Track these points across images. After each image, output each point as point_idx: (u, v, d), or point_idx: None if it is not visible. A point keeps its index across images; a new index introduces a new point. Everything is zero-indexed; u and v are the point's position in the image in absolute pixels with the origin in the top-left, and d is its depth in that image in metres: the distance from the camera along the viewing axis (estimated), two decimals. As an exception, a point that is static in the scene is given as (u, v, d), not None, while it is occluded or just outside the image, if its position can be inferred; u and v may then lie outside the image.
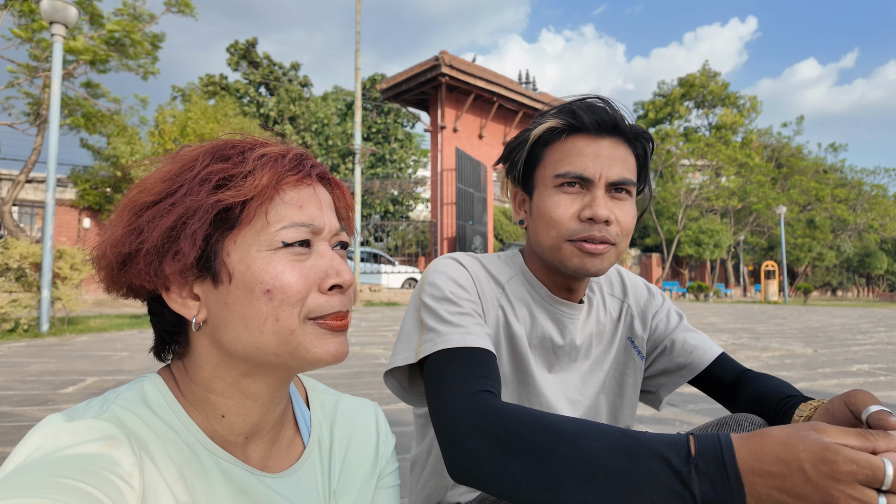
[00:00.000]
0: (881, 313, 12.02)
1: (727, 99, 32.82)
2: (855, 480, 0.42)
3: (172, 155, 0.54)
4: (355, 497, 0.64)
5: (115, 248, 0.50)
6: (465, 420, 0.60)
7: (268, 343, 0.50)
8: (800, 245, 29.92)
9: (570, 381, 0.89)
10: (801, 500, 0.44)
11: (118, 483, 0.43)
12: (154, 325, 0.55)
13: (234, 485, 0.53)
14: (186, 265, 0.48)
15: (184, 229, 0.48)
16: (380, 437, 0.69)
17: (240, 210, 0.50)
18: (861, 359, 4.68)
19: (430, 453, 0.90)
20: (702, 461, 0.48)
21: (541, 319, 0.87)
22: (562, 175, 0.78)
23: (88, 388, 3.26)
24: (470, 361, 0.68)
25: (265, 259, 0.50)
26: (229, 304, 0.50)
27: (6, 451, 2.06)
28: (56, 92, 6.48)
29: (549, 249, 0.81)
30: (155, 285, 0.50)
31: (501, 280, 0.87)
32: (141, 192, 0.50)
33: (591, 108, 0.79)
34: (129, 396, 0.51)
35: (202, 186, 0.49)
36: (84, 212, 15.74)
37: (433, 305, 0.76)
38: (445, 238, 14.40)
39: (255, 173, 0.50)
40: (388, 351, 4.79)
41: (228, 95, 19.72)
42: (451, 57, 13.62)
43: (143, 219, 0.49)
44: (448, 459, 0.61)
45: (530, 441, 0.55)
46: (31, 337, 5.89)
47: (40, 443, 0.43)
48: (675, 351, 0.92)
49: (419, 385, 0.82)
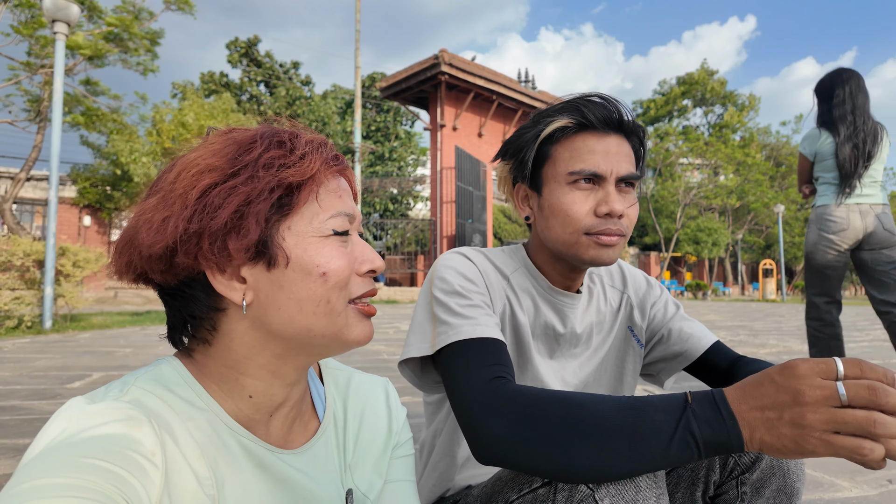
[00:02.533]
0: (878, 311, 12.08)
1: (727, 98, 32.85)
2: (815, 375, 0.49)
3: (221, 137, 0.54)
4: (370, 470, 0.66)
5: (177, 227, 0.49)
6: (483, 404, 0.64)
7: (319, 324, 0.53)
8: (798, 243, 29.97)
9: (567, 367, 0.93)
10: (777, 408, 0.50)
11: (141, 461, 0.44)
12: (178, 309, 0.54)
13: (254, 461, 0.54)
14: (251, 243, 0.50)
15: (249, 208, 0.50)
16: (391, 412, 0.72)
17: (296, 194, 0.52)
18: (857, 356, 4.72)
19: (438, 437, 0.93)
20: (697, 406, 0.54)
21: (543, 309, 0.90)
22: (576, 172, 0.81)
23: (95, 382, 3.30)
24: (482, 351, 0.72)
25: (319, 244, 0.53)
26: (284, 287, 0.51)
27: (18, 443, 2.10)
28: (59, 90, 6.49)
29: (564, 244, 0.84)
30: (209, 265, 0.50)
31: (506, 272, 0.90)
32: (203, 172, 0.50)
33: (598, 105, 0.83)
34: (148, 378, 0.52)
35: (266, 170, 0.51)
36: (84, 210, 15.74)
37: (444, 299, 0.79)
38: (445, 236, 14.43)
39: (307, 158, 0.53)
40: (391, 347, 4.83)
41: (228, 93, 19.69)
42: (451, 55, 13.64)
43: (210, 197, 0.49)
44: (472, 442, 0.65)
45: (545, 412, 0.60)
46: (35, 333, 5.92)
47: (64, 426, 0.44)
48: (671, 339, 0.96)
49: (431, 373, 0.85)
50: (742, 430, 0.52)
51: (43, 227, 17.83)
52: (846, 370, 0.49)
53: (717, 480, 0.81)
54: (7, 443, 2.11)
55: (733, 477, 0.80)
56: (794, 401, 0.49)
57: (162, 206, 0.50)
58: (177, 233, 0.49)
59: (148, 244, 0.49)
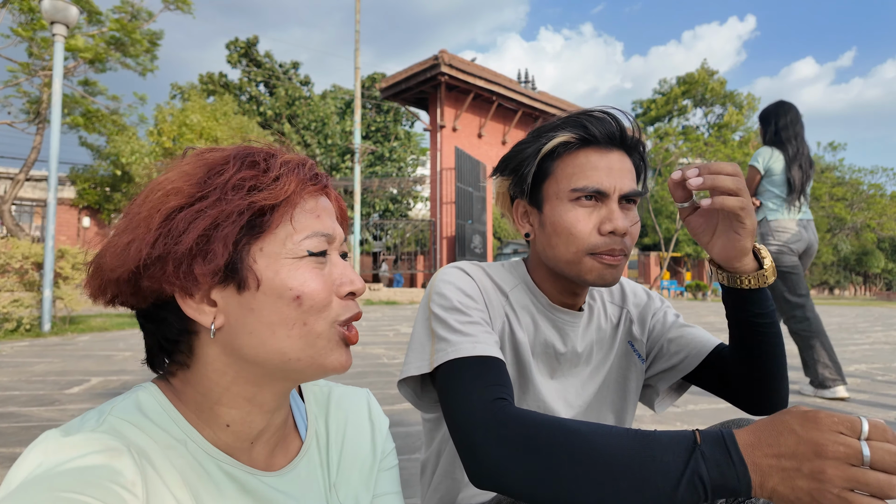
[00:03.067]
0: (878, 312, 12.07)
1: (727, 97, 32.86)
2: (837, 431, 0.48)
3: (194, 158, 0.53)
4: (356, 485, 0.65)
5: (140, 252, 0.48)
6: (484, 428, 0.62)
7: (293, 348, 0.51)
8: (797, 244, 29.96)
9: (570, 387, 0.91)
10: (796, 458, 0.49)
11: (121, 493, 0.43)
12: (152, 333, 0.54)
13: (236, 486, 0.53)
14: (218, 268, 0.49)
15: (216, 232, 0.49)
16: (374, 426, 0.71)
17: (268, 216, 0.51)
18: (858, 358, 4.71)
19: (440, 457, 0.92)
20: (707, 448, 0.53)
21: (543, 328, 0.89)
22: (579, 189, 0.80)
23: (94, 388, 3.28)
24: (482, 370, 0.70)
25: (291, 266, 0.51)
26: (255, 310, 0.50)
27: (16, 452, 2.09)
28: (57, 91, 6.48)
29: (566, 263, 0.82)
30: (174, 290, 0.49)
31: (505, 289, 0.89)
32: (168, 195, 0.50)
33: (600, 120, 0.81)
34: (125, 407, 0.51)
35: (236, 192, 0.50)
36: (83, 211, 15.72)
37: (443, 315, 0.77)
38: (444, 237, 14.42)
39: (281, 179, 0.51)
40: (390, 351, 4.82)
41: (228, 93, 19.69)
42: (451, 56, 13.62)
43: (175, 221, 0.49)
44: (469, 467, 0.63)
45: (549, 443, 0.58)
46: (34, 336, 5.91)
47: (40, 459, 0.43)
48: (672, 347, 0.94)
49: (430, 392, 0.84)
50: (752, 475, 0.51)
51: (42, 226, 17.82)
52: (870, 431, 0.48)
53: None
54: (5, 451, 2.09)
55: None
56: (816, 454, 0.48)
57: (127, 229, 0.50)
58: (140, 257, 0.48)
59: (110, 268, 0.50)
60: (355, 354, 4.61)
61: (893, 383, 3.51)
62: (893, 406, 2.89)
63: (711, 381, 0.90)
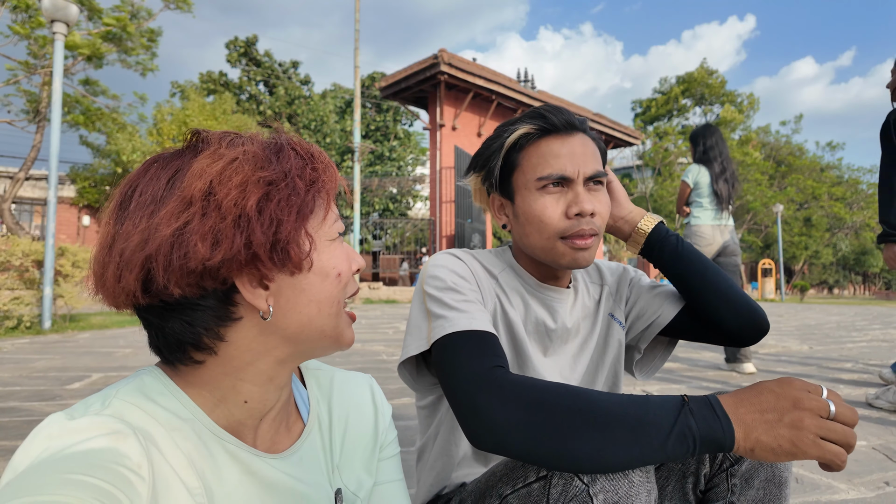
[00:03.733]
0: (876, 311, 12.10)
1: (725, 96, 32.86)
2: (807, 390, 0.58)
3: (245, 146, 0.52)
4: (358, 470, 0.67)
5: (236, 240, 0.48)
6: (486, 389, 0.65)
7: (329, 324, 0.56)
8: (796, 243, 30.02)
9: (563, 363, 0.95)
10: (776, 411, 0.57)
11: (127, 475, 0.43)
12: (187, 323, 0.51)
13: (241, 467, 0.54)
14: (306, 253, 0.52)
15: (300, 220, 0.52)
16: (377, 409, 0.72)
17: (315, 201, 0.54)
18: (856, 356, 4.73)
19: (437, 438, 0.94)
20: (694, 405, 0.60)
21: (534, 306, 0.92)
22: (544, 178, 0.83)
23: (95, 383, 3.30)
24: (479, 342, 0.73)
25: (331, 247, 0.56)
26: (306, 290, 0.53)
27: (17, 445, 2.10)
28: (57, 90, 6.49)
29: (541, 249, 0.86)
30: (246, 275, 0.50)
31: (494, 272, 0.92)
32: (253, 183, 0.49)
33: (557, 109, 0.86)
34: (129, 390, 0.51)
35: (301, 180, 0.53)
36: (83, 210, 15.73)
37: (438, 295, 0.80)
38: (444, 236, 14.43)
39: (329, 168, 0.56)
40: (390, 348, 4.84)
41: (227, 92, 19.70)
42: (451, 55, 13.63)
43: (269, 209, 0.49)
44: (472, 427, 0.65)
45: (549, 400, 0.62)
46: (34, 334, 5.92)
47: (45, 444, 0.43)
48: (649, 307, 0.99)
49: (426, 375, 0.86)
50: (736, 429, 0.57)
51: (42, 226, 17.82)
52: (829, 394, 0.58)
53: (708, 473, 0.83)
54: (7, 444, 2.11)
55: (723, 469, 0.82)
56: (794, 406, 0.56)
57: (204, 217, 0.48)
58: (237, 245, 0.48)
59: (202, 257, 0.47)
60: (355, 351, 4.63)
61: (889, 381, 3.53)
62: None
63: (692, 328, 0.96)
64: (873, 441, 2.14)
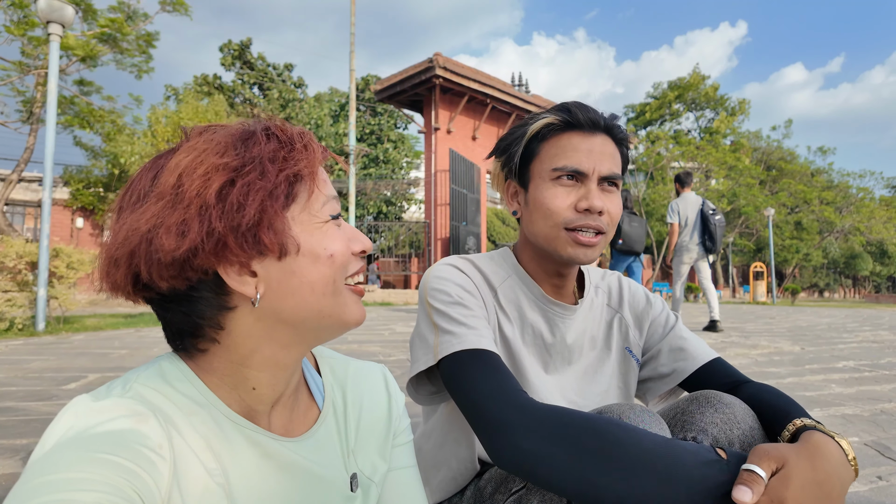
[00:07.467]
0: (866, 313, 12.22)
1: (718, 102, 33.14)
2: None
3: (216, 134, 0.53)
4: (373, 455, 0.68)
5: (201, 228, 0.48)
6: (512, 415, 0.64)
7: (327, 304, 0.55)
8: (787, 247, 30.26)
9: (566, 383, 0.92)
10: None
11: (149, 454, 0.45)
12: (185, 314, 0.53)
13: (258, 450, 0.55)
14: (282, 237, 0.51)
15: (272, 203, 0.51)
16: (391, 397, 0.73)
17: (298, 184, 0.54)
18: (847, 356, 4.79)
19: (441, 421, 0.94)
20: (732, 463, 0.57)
21: (531, 316, 0.90)
22: (559, 169, 0.84)
23: (91, 383, 3.29)
24: (490, 362, 0.73)
25: (322, 229, 0.55)
26: (297, 273, 0.53)
27: (15, 444, 2.10)
28: (52, 91, 6.46)
29: (544, 238, 0.86)
30: (221, 264, 0.50)
31: (495, 284, 0.91)
32: (214, 170, 0.49)
33: (584, 107, 0.86)
34: (149, 375, 0.53)
35: (273, 164, 0.52)
36: (77, 212, 15.61)
37: (445, 309, 0.80)
38: (439, 239, 14.44)
39: (309, 149, 0.55)
40: (387, 349, 4.85)
41: (221, 95, 19.66)
42: (445, 59, 13.68)
43: (231, 196, 0.49)
44: (493, 449, 0.65)
45: (574, 435, 0.60)
46: (28, 336, 5.88)
47: (72, 422, 0.45)
48: (662, 356, 0.94)
49: (425, 385, 0.86)
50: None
51: (34, 229, 17.67)
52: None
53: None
54: (5, 443, 2.11)
55: None
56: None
57: (172, 209, 0.49)
58: (201, 234, 0.48)
59: (169, 249, 0.48)
60: (353, 353, 4.64)
61: (880, 379, 3.59)
62: (879, 400, 2.96)
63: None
64: (865, 437, 2.19)
